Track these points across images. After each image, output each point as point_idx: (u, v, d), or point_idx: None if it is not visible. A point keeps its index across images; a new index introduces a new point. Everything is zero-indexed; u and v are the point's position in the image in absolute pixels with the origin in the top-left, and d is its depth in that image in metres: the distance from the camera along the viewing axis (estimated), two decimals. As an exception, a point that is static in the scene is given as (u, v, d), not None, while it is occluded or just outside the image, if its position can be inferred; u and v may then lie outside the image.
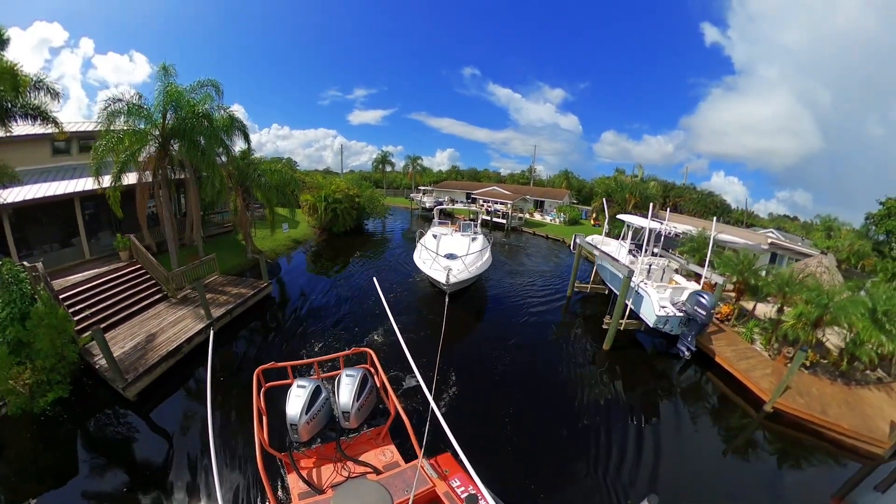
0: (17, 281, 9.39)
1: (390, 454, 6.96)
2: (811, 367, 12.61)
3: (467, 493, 5.38)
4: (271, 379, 7.72)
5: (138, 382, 9.85)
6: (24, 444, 8.59)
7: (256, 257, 17.68)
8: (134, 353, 10.78)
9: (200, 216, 18.02)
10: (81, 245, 16.66)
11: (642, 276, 14.31)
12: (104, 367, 9.95)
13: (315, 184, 30.81)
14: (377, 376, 8.00)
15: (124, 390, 9.53)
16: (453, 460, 6.29)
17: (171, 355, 11.11)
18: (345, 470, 6.39)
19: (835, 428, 10.29)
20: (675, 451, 9.49)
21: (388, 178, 65.32)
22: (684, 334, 12.77)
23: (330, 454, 6.76)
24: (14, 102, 12.01)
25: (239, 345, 13.21)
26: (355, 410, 6.79)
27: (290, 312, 16.03)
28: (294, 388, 6.72)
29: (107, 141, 13.65)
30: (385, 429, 7.36)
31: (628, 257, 15.58)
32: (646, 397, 11.63)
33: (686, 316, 12.39)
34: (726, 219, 49.22)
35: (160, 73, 14.28)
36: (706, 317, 11.94)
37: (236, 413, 9.37)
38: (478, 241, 19.47)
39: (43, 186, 15.65)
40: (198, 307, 13.36)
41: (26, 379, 8.53)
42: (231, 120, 17.05)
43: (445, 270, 14.11)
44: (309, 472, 6.37)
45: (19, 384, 8.41)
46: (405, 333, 12.52)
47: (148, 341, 11.49)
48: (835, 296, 12.37)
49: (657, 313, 12.30)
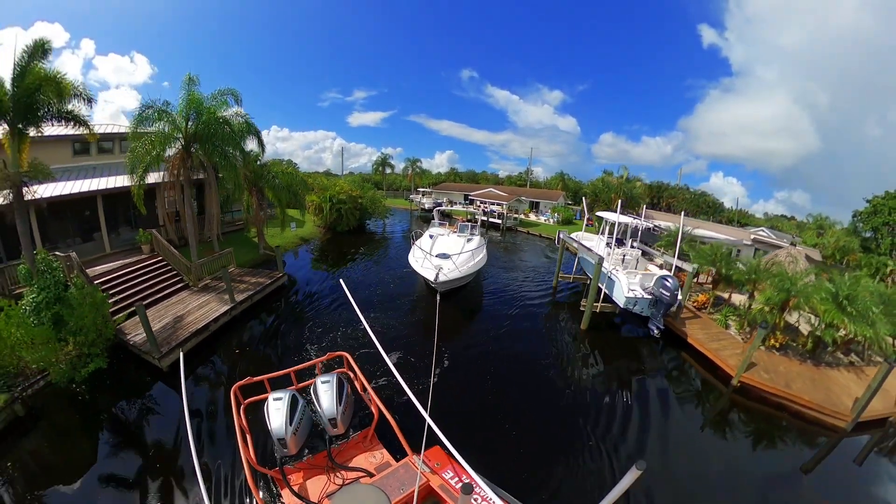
0: (51, 269, 10.31)
1: (380, 455, 6.94)
2: (782, 349, 13.44)
3: (461, 482, 5.39)
4: (249, 394, 7.53)
5: (171, 355, 11.18)
6: (66, 409, 9.81)
7: (267, 253, 19.07)
8: (164, 332, 12.11)
9: (220, 213, 19.37)
10: (102, 240, 17.91)
11: (615, 264, 15.70)
12: (138, 343, 11.34)
13: (320, 185, 32.26)
14: (356, 379, 7.96)
15: (159, 360, 10.92)
16: (443, 453, 6.32)
17: (200, 332, 12.49)
18: (337, 478, 6.32)
19: (797, 400, 11.08)
20: (653, 423, 10.24)
21: (388, 179, 66.68)
22: (653, 315, 14.05)
23: (319, 464, 6.65)
24: (53, 107, 13.33)
25: (256, 326, 14.54)
26: (340, 415, 6.67)
27: (301, 299, 17.48)
28: (270, 401, 6.50)
29: (142, 143, 15.08)
30: (371, 430, 7.31)
31: (605, 249, 16.96)
32: (624, 374, 12.55)
33: (654, 298, 13.69)
34: (718, 218, 50.67)
35: (185, 82, 15.65)
36: (670, 297, 13.22)
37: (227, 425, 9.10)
38: (473, 241, 19.57)
39: (68, 184, 16.83)
40: (219, 294, 14.79)
41: (70, 351, 9.79)
42: (248, 125, 18.45)
43: (436, 269, 14.67)
44: (301, 485, 6.28)
45: (63, 356, 9.65)
46: (398, 331, 13.96)
47: (176, 322, 12.84)
48: (797, 281, 13.52)
49: (626, 295, 13.79)
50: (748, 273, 16.35)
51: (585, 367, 12.87)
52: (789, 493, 8.64)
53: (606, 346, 14.28)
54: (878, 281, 21.75)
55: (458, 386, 11.06)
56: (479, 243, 19.82)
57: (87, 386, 10.13)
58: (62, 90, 12.71)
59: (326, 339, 13.19)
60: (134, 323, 12.41)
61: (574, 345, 14.18)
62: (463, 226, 22.16)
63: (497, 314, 16.72)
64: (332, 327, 14.07)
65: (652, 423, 10.23)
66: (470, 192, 51.55)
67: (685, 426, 10.69)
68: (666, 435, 10.00)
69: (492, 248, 29.24)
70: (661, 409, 11.04)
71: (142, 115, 14.98)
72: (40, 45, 11.99)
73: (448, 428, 4.49)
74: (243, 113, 17.95)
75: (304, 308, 16.51)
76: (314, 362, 8.42)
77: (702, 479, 8.75)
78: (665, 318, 14.31)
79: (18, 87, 11.69)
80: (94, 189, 17.15)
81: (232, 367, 11.89)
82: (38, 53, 11.97)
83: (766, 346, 13.40)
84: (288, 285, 18.59)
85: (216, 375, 11.51)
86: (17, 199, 12.06)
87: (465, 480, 5.20)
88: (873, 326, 11.75)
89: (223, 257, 17.34)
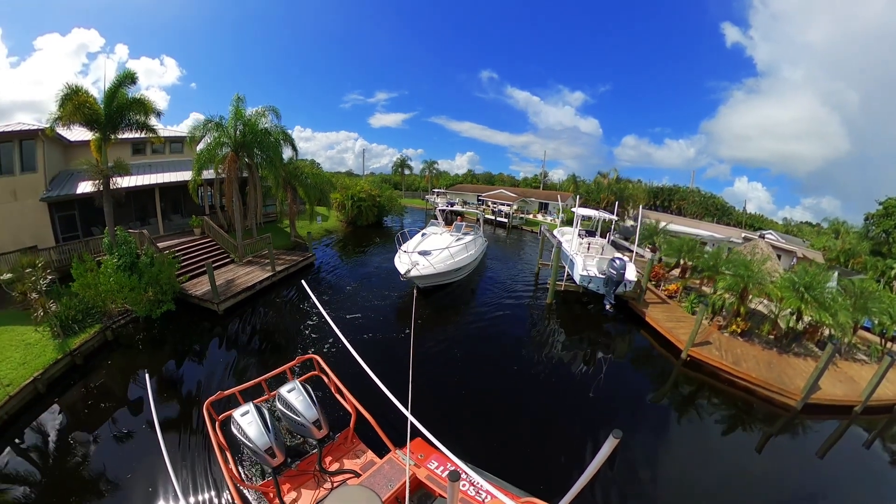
0: (126, 242, 13.51)
1: (363, 454, 6.84)
2: (746, 336, 14.11)
3: (447, 471, 5.28)
4: (221, 410, 7.43)
5: (226, 302, 15.04)
6: (147, 335, 13.44)
7: (298, 240, 22.68)
8: (220, 288, 15.70)
9: (261, 205, 23.16)
10: (158, 224, 21.69)
11: (578, 250, 18.09)
12: (199, 295, 15.10)
13: (343, 185, 36.02)
14: (329, 380, 7.91)
15: (217, 306, 14.67)
16: (425, 444, 6.29)
17: (247, 290, 16.32)
18: (326, 483, 6.22)
19: (744, 377, 11.67)
20: (610, 391, 11.23)
21: (407, 180, 69.89)
22: (607, 292, 16.26)
23: (305, 472, 6.49)
24: (137, 120, 16.67)
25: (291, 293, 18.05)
26: (323, 417, 6.67)
27: (323, 275, 21.18)
28: (237, 417, 6.31)
29: (207, 147, 19.10)
30: (350, 430, 7.20)
31: (577, 239, 19.60)
32: (586, 345, 13.93)
33: (607, 277, 15.94)
34: (727, 221, 51.47)
35: (234, 100, 19.41)
36: (617, 275, 15.46)
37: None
38: (463, 240, 19.32)
39: (133, 178, 20.02)
40: (262, 267, 18.55)
41: (149, 297, 13.37)
42: (284, 135, 22.20)
43: (411, 265, 15.20)
44: (290, 497, 6.10)
45: (144, 300, 13.27)
46: (377, 323, 14.72)
47: (228, 283, 16.56)
48: (752, 268, 14.37)
49: (580, 273, 16.35)
50: (709, 261, 17.66)
51: (551, 337, 14.79)
52: (729, 462, 9.07)
53: (570, 320, 16.64)
54: (883, 285, 21.49)
55: (436, 371, 11.60)
56: (472, 243, 19.69)
57: (160, 322, 13.88)
58: (146, 109, 16.32)
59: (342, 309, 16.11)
60: (192, 283, 16.24)
61: (543, 316, 16.76)
62: (458, 225, 22.61)
63: (484, 296, 18.93)
64: (351, 293, 17.06)
65: (609, 392, 11.22)
66: (482, 193, 54.51)
67: (640, 394, 11.50)
68: (620, 403, 10.94)
69: (496, 244, 32.34)
70: (617, 378, 12.11)
71: (205, 126, 18.95)
72: (128, 75, 15.51)
73: (426, 417, 4.42)
74: (281, 126, 21.70)
75: (323, 279, 20.23)
76: (284, 368, 8.29)
77: (649, 444, 9.26)
78: (616, 296, 16.36)
79: (109, 106, 15.11)
80: (154, 182, 21.05)
81: (270, 316, 15.69)
82: (125, 81, 15.47)
83: (730, 332, 14.27)
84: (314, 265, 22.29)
85: (259, 320, 15.28)
86: (106, 189, 15.64)
87: (451, 468, 5.19)
88: (833, 315, 12.19)
89: (264, 240, 21.07)
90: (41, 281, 11.96)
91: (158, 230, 21.64)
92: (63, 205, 18.41)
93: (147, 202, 21.72)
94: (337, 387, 7.71)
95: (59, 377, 10.51)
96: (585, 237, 19.93)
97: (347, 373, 8.12)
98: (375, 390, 5.27)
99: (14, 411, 9.01)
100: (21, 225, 16.97)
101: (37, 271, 12.19)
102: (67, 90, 14.10)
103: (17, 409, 9.09)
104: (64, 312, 11.93)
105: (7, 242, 15.93)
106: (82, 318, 12.38)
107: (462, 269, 18.05)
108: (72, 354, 11.03)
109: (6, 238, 16.15)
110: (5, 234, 16.32)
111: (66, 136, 19.06)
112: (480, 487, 5.28)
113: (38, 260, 13.30)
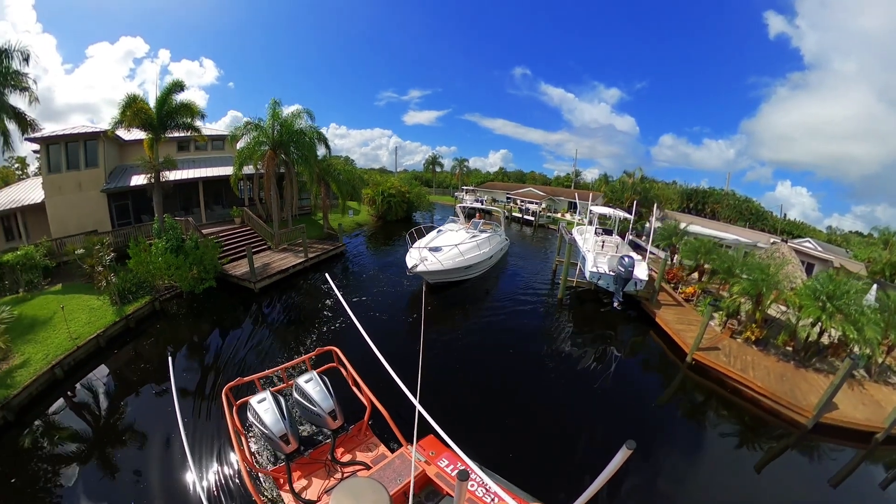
0: (173, 227, 15.71)
1: (375, 447, 6.90)
2: (761, 344, 13.15)
3: (457, 470, 5.29)
4: (239, 395, 7.55)
5: (262, 282, 16.81)
6: (190, 308, 15.32)
7: (330, 232, 24.33)
8: (257, 270, 17.39)
9: (297, 199, 24.95)
10: (201, 213, 23.98)
11: (592, 247, 18.24)
12: (238, 275, 16.89)
13: (374, 181, 37.63)
14: (347, 372, 7.97)
15: (254, 285, 16.41)
16: (438, 441, 6.20)
17: (281, 272, 18.16)
18: (336, 473, 6.28)
19: (751, 385, 10.85)
20: (616, 392, 11.16)
21: (438, 178, 71.32)
22: (616, 289, 16.30)
23: (316, 461, 6.59)
24: (181, 121, 18.63)
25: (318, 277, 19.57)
26: (338, 408, 6.74)
27: (351, 263, 22.84)
28: (254, 403, 6.46)
29: (248, 146, 21.05)
30: (364, 423, 7.25)
31: (593, 237, 19.86)
32: (593, 346, 13.72)
33: (616, 275, 16.02)
34: (760, 226, 48.80)
35: (271, 104, 21.18)
36: (625, 272, 15.54)
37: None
38: (478, 238, 19.02)
39: (179, 172, 21.97)
40: (295, 254, 20.38)
41: (194, 275, 15.17)
42: (318, 134, 23.87)
43: (419, 260, 15.32)
44: (300, 484, 6.20)
45: (189, 276, 15.08)
46: (393, 318, 15.10)
47: (264, 266, 18.33)
48: (769, 271, 13.51)
49: (590, 269, 16.57)
50: (723, 263, 16.74)
51: (560, 333, 14.94)
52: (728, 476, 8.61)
53: (581, 316, 16.73)
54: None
55: (441, 361, 11.84)
56: (487, 241, 19.49)
57: (202, 296, 15.77)
58: (192, 112, 18.43)
59: (360, 293, 17.46)
60: (232, 265, 18.12)
61: (555, 312, 16.93)
62: (475, 223, 22.67)
63: (501, 291, 19.35)
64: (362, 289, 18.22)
65: (612, 391, 11.14)
66: (511, 191, 54.78)
67: (643, 396, 11.44)
68: (622, 403, 10.84)
69: (521, 241, 32.84)
70: (622, 378, 11.97)
71: (245, 127, 20.95)
72: (177, 84, 17.74)
73: (438, 413, 4.46)
74: (315, 126, 23.34)
75: (351, 267, 21.98)
76: (303, 359, 8.45)
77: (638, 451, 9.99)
78: (629, 295, 16.48)
79: (160, 111, 17.26)
80: (198, 176, 23.31)
81: (299, 296, 17.35)
82: (175, 89, 17.65)
83: (743, 339, 13.46)
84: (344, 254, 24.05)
85: (289, 299, 17.01)
86: (157, 181, 17.84)
87: (461, 468, 5.08)
88: (860, 330, 10.90)
89: (298, 229, 22.82)
90: (106, 257, 14.04)
91: (201, 219, 23.85)
92: (119, 195, 21.07)
93: (191, 194, 24.12)
94: (354, 379, 7.70)
95: (115, 336, 12.54)
96: (602, 235, 20.13)
97: (364, 365, 7.93)
98: (392, 385, 5.16)
99: (81, 359, 11.24)
100: (85, 212, 19.70)
101: (103, 249, 14.33)
102: (127, 99, 16.36)
103: (82, 357, 11.31)
104: (121, 284, 13.97)
105: (74, 227, 18.58)
106: (135, 290, 14.40)
107: (472, 267, 17.64)
108: (126, 319, 13.00)
109: (73, 223, 18.80)
110: (73, 219, 18.99)
111: (122, 136, 21.43)
112: (489, 489, 5.17)
113: (105, 240, 15.49)
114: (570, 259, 17.52)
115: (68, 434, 8.66)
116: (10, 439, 8.38)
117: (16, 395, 9.04)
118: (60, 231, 18.23)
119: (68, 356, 10.68)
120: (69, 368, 10.65)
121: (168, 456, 7.91)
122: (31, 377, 9.61)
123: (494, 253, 20.03)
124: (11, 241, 19.38)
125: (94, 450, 8.26)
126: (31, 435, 8.57)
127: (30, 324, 11.86)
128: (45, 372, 9.95)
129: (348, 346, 8.99)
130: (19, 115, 15.07)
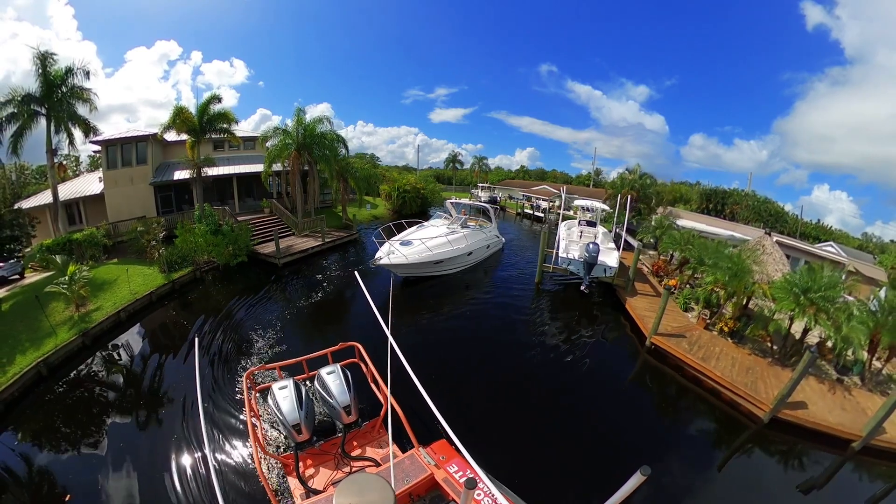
0: (211, 214, 19.29)
1: (387, 446, 6.70)
2: (737, 337, 12.89)
3: (465, 477, 5.22)
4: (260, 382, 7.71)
5: (286, 258, 20.08)
6: (224, 278, 18.43)
7: (347, 222, 27.25)
8: (282, 249, 20.39)
9: (318, 193, 27.99)
10: (234, 204, 27.39)
11: (570, 237, 19.65)
12: (266, 254, 19.96)
13: (391, 178, 40.32)
14: (367, 369, 7.90)
15: (279, 261, 19.49)
16: (449, 446, 6.15)
17: (301, 252, 21.30)
18: (345, 466, 6.30)
19: (708, 373, 10.69)
20: (576, 371, 11.50)
21: (459, 175, 73.19)
22: (584, 275, 17.37)
23: (327, 453, 6.61)
24: (219, 126, 22.15)
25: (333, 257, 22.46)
26: (354, 403, 6.71)
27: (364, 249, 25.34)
28: (276, 389, 6.53)
29: (276, 147, 24.30)
30: (379, 421, 7.19)
31: (576, 228, 21.29)
32: (562, 327, 14.65)
33: (584, 260, 17.04)
34: (780, 229, 47.16)
35: (296, 111, 24.29)
36: (590, 257, 16.64)
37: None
38: (455, 234, 18.86)
39: (216, 169, 24.86)
40: (316, 239, 23.44)
41: (230, 251, 18.26)
42: (338, 137, 26.88)
43: (385, 254, 15.58)
44: (309, 472, 6.24)
45: (226, 253, 18.15)
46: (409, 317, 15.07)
47: (288, 247, 21.41)
48: (741, 262, 13.27)
49: (561, 255, 17.91)
50: (695, 252, 17.12)
51: (538, 314, 16.17)
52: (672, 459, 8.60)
53: (556, 300, 17.96)
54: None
55: (412, 344, 11.87)
56: (469, 238, 19.46)
57: (236, 269, 18.90)
58: (228, 119, 21.92)
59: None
60: (261, 246, 21.17)
61: (533, 295, 18.23)
62: (458, 218, 22.42)
63: (495, 279, 20.53)
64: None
65: (572, 370, 11.53)
66: (527, 188, 56.16)
67: (603, 377, 11.72)
68: (581, 381, 11.12)
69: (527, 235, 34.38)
70: (582, 359, 12.22)
71: (274, 131, 24.49)
72: (215, 97, 21.42)
73: (455, 419, 4.38)
74: (334, 130, 26.44)
75: (363, 253, 24.39)
76: (325, 352, 8.36)
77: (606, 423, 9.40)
78: (601, 282, 17.79)
79: (201, 119, 20.82)
80: (233, 172, 26.78)
81: (315, 273, 19.79)
82: (213, 101, 21.22)
83: (717, 331, 13.34)
84: (358, 240, 26.89)
85: (306, 273, 19.77)
86: (198, 176, 21.36)
87: (470, 475, 5.01)
88: (837, 327, 10.36)
89: (319, 219, 25.79)
90: (159, 234, 17.46)
91: (235, 209, 27.12)
92: (163, 187, 24.79)
93: (226, 187, 27.71)
94: (373, 376, 7.65)
95: (164, 295, 15.94)
96: (583, 226, 21.62)
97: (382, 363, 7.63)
98: (410, 386, 5.13)
99: (138, 309, 14.83)
100: (135, 201, 23.48)
101: (157, 228, 17.90)
102: (176, 109, 20.08)
103: (139, 308, 14.92)
104: (168, 256, 17.27)
105: (126, 213, 22.39)
106: (180, 261, 17.66)
107: (444, 262, 17.56)
108: (173, 283, 16.37)
109: (126, 210, 22.65)
110: (126, 207, 22.83)
111: (167, 137, 24.79)
112: (495, 500, 5.00)
113: (160, 221, 19.00)
114: (545, 246, 19.02)
115: (122, 360, 11.90)
116: (86, 356, 11.85)
117: (93, 328, 12.42)
118: (115, 216, 22.02)
119: (129, 305, 14.11)
120: (131, 313, 14.21)
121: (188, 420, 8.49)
122: (103, 316, 12.95)
123: (476, 249, 20.05)
124: (73, 225, 23.17)
125: (139, 375, 10.96)
126: (100, 357, 11.97)
127: (100, 284, 15.26)
128: (112, 315, 13.31)
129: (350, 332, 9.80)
130: (85, 122, 18.75)
